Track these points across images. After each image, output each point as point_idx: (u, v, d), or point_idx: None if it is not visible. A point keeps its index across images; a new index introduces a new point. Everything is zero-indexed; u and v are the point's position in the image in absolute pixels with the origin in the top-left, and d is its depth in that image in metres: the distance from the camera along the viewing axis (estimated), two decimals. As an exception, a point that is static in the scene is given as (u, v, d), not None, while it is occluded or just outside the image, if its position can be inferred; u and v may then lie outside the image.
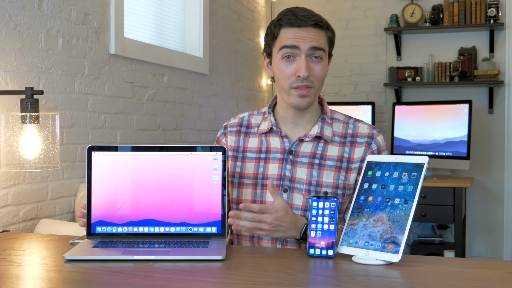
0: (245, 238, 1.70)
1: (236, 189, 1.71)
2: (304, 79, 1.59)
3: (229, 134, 1.76)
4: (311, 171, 1.65)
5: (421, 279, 1.23)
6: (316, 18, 1.61)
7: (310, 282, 1.25)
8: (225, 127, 1.78)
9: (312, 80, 1.61)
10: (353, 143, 1.68)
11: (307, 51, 1.59)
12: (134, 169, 1.54)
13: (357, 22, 4.74)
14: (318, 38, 1.61)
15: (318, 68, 1.62)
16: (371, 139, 1.67)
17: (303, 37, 1.59)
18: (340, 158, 1.66)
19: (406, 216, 1.31)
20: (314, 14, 1.63)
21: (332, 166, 1.65)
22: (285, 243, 1.65)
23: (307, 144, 1.68)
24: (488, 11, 4.27)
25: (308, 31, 1.60)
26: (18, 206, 2.15)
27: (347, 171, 1.65)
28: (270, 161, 1.69)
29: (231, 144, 1.75)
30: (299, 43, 1.59)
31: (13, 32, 2.14)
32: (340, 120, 1.72)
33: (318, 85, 1.63)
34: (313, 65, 1.61)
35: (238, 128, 1.77)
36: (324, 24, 1.63)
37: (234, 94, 4.15)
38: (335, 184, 1.64)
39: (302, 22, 1.59)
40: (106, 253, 1.40)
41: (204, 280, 1.24)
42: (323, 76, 1.64)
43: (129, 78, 2.88)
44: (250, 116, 1.78)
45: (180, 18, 3.54)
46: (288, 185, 1.66)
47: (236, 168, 1.72)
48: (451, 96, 4.47)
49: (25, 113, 1.82)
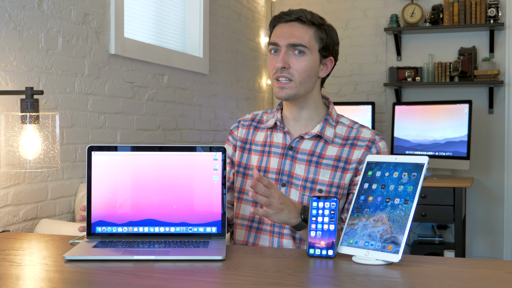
0: (241, 228, 1.75)
1: (240, 178, 1.78)
2: (283, 70, 1.66)
3: (241, 127, 1.85)
4: (308, 168, 1.69)
5: (421, 279, 1.23)
6: (300, 14, 1.67)
7: (310, 282, 1.25)
8: (239, 121, 1.87)
9: (291, 73, 1.67)
10: (353, 145, 1.70)
11: (285, 46, 1.67)
12: (134, 169, 1.54)
13: (357, 22, 4.74)
14: (300, 34, 1.67)
15: (299, 63, 1.67)
16: (372, 143, 1.70)
17: (284, 33, 1.68)
18: (338, 158, 1.69)
19: (406, 216, 1.31)
20: (302, 10, 1.69)
21: (329, 165, 1.68)
22: (281, 236, 1.68)
23: (307, 142, 1.72)
24: (488, 11, 4.27)
25: (292, 27, 1.68)
26: (18, 206, 2.15)
27: (344, 171, 1.68)
28: (272, 155, 1.74)
29: (241, 135, 1.83)
30: (279, 40, 1.68)
31: (13, 32, 2.14)
32: (345, 124, 1.76)
33: (300, 79, 1.67)
34: (293, 59, 1.67)
35: (250, 122, 1.85)
36: (309, 20, 1.67)
37: (234, 94, 4.16)
38: (330, 183, 1.67)
39: (287, 17, 1.69)
40: (106, 253, 1.39)
41: (204, 280, 1.24)
42: (306, 71, 1.68)
43: (129, 78, 2.88)
44: (263, 114, 1.86)
45: (180, 18, 3.54)
46: (286, 179, 1.70)
47: (242, 158, 1.79)
48: (451, 96, 4.47)
49: (25, 113, 1.82)
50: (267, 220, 1.70)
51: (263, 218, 1.71)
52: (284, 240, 1.68)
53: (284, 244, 1.68)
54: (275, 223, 1.69)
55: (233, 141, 1.83)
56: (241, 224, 1.75)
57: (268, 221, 1.70)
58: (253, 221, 1.73)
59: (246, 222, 1.74)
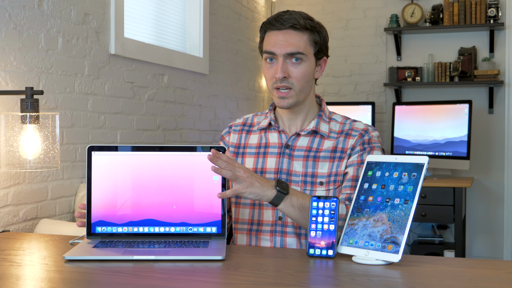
0: (241, 232, 1.74)
1: None
2: (282, 80, 1.65)
3: (232, 133, 1.83)
4: (306, 163, 1.70)
5: (421, 279, 1.23)
6: (294, 21, 1.64)
7: (310, 282, 1.25)
8: (230, 126, 1.86)
9: (291, 81, 1.66)
10: (348, 135, 1.72)
11: (283, 55, 1.65)
12: (134, 169, 1.54)
13: (357, 22, 4.74)
14: (296, 42, 1.64)
15: (297, 71, 1.66)
16: (365, 132, 1.72)
17: (280, 41, 1.65)
18: (334, 149, 1.71)
19: (406, 216, 1.31)
20: (294, 17, 1.65)
21: (326, 157, 1.70)
22: (284, 235, 1.67)
23: (303, 139, 1.73)
24: (488, 11, 4.27)
25: (287, 35, 1.65)
26: (18, 206, 2.15)
27: (340, 159, 1.70)
28: (269, 156, 1.74)
29: (233, 141, 1.82)
30: (275, 49, 1.65)
31: (13, 32, 2.14)
32: (338, 121, 1.77)
33: (299, 86, 1.67)
34: (291, 67, 1.65)
35: (242, 127, 1.84)
36: (303, 26, 1.65)
37: (234, 94, 4.16)
38: (329, 173, 1.68)
39: (280, 25, 1.65)
40: (106, 253, 1.40)
41: (204, 280, 1.24)
42: (305, 78, 1.67)
43: (129, 78, 2.88)
44: (254, 116, 1.86)
45: (180, 18, 3.54)
46: (285, 178, 1.71)
47: None
48: (451, 96, 4.47)
49: (25, 113, 1.82)
50: (265, 220, 1.69)
51: (262, 219, 1.70)
52: (288, 239, 1.67)
53: (287, 243, 1.68)
54: (274, 223, 1.68)
55: None
56: (241, 228, 1.74)
57: (268, 220, 1.69)
58: (252, 223, 1.72)
59: (245, 226, 1.73)
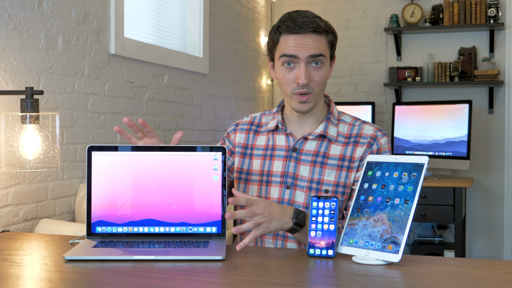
0: (246, 234, 1.71)
1: (243, 185, 1.74)
2: (304, 85, 1.61)
3: (239, 131, 1.80)
4: (313, 169, 1.67)
5: (421, 279, 1.23)
6: (314, 24, 1.60)
7: (310, 282, 1.25)
8: (237, 124, 1.83)
9: (312, 86, 1.63)
10: (356, 143, 1.69)
11: (306, 59, 1.60)
12: (134, 169, 1.54)
13: (357, 22, 4.74)
14: (317, 44, 1.61)
15: (318, 74, 1.63)
16: (373, 140, 1.69)
17: (301, 45, 1.60)
18: (342, 157, 1.67)
19: (406, 216, 1.31)
20: (313, 20, 1.61)
21: (334, 165, 1.67)
22: (285, 239, 1.66)
23: (311, 142, 1.70)
24: (488, 11, 4.27)
25: (307, 38, 1.60)
26: (18, 206, 2.15)
27: (348, 170, 1.66)
28: (275, 158, 1.72)
29: (239, 141, 1.79)
30: (298, 52, 1.60)
31: (13, 32, 2.14)
32: (347, 122, 1.74)
33: (318, 90, 1.64)
34: (313, 72, 1.62)
35: (249, 126, 1.80)
36: (323, 29, 1.62)
37: (234, 94, 4.15)
38: (336, 183, 1.66)
39: (300, 30, 1.60)
40: (106, 253, 1.40)
41: (204, 280, 1.24)
42: (324, 81, 1.66)
43: (129, 78, 2.88)
44: (261, 116, 1.82)
45: (180, 18, 3.54)
46: (291, 182, 1.68)
47: (243, 164, 1.75)
48: (451, 96, 4.47)
49: (25, 113, 1.82)
50: None
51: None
52: (288, 243, 1.67)
53: (288, 247, 1.67)
54: None
55: (229, 145, 1.80)
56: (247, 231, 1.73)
57: None
58: None
59: None
